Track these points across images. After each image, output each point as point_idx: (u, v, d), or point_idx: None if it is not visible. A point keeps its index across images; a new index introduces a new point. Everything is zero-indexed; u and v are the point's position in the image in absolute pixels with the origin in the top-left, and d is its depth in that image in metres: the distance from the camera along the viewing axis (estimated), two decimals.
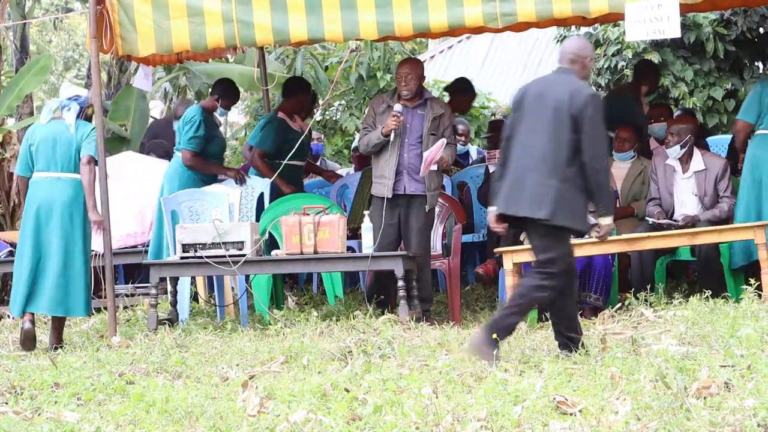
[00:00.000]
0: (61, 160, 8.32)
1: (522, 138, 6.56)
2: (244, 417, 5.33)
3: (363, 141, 8.81)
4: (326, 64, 16.05)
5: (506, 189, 6.58)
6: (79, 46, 29.02)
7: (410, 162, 8.67)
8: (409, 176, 8.67)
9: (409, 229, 8.71)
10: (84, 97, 8.45)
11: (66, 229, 8.25)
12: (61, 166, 8.31)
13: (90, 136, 8.32)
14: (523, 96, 6.64)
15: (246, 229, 8.40)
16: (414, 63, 8.93)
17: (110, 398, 5.97)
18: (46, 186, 8.32)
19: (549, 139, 6.45)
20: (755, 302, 7.28)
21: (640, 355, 6.16)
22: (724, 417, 4.71)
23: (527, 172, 6.48)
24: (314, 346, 7.05)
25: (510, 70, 22.47)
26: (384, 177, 8.64)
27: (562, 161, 6.43)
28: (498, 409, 5.08)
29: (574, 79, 6.58)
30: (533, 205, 6.45)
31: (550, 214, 6.41)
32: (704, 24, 13.51)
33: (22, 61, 13.31)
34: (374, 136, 8.65)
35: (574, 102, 6.42)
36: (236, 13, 8.22)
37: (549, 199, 6.40)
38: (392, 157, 8.62)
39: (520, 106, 6.63)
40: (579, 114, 6.40)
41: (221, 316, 9.11)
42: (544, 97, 6.54)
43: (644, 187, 9.36)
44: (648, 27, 7.79)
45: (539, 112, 6.51)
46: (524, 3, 7.92)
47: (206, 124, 9.67)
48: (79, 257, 8.27)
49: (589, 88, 6.66)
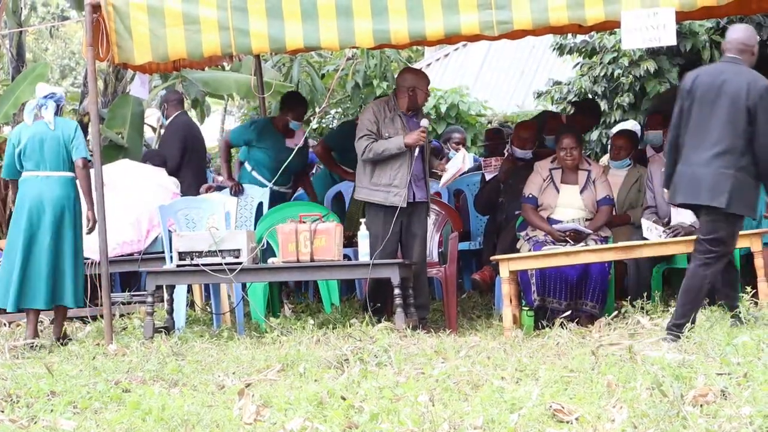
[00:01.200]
0: (50, 159, 8.49)
1: (695, 127, 6.95)
2: (240, 425, 5.32)
3: (376, 148, 8.60)
4: (323, 72, 16.05)
5: (684, 180, 6.99)
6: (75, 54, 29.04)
7: (416, 171, 8.70)
8: (415, 185, 8.70)
9: (411, 237, 8.71)
10: (59, 94, 8.65)
11: (57, 226, 8.44)
12: (50, 165, 8.49)
13: (77, 137, 8.51)
14: (694, 85, 6.99)
15: (242, 237, 8.40)
16: (420, 75, 8.97)
17: (106, 406, 5.96)
18: (36, 184, 8.48)
19: (725, 129, 6.86)
20: (751, 310, 7.28)
21: (636, 363, 6.15)
22: (720, 425, 4.71)
23: (703, 162, 6.90)
24: (311, 354, 7.05)
25: (506, 77, 22.49)
26: (395, 186, 8.60)
27: (737, 151, 6.85)
28: (494, 416, 5.08)
29: (746, 70, 6.95)
30: (711, 194, 6.88)
31: (727, 203, 6.86)
32: (700, 32, 13.54)
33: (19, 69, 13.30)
34: (393, 145, 8.55)
35: (751, 94, 6.82)
36: (232, 21, 8.22)
37: (726, 188, 6.85)
38: (404, 167, 8.60)
39: (690, 95, 6.99)
40: (755, 106, 6.80)
41: (218, 324, 9.10)
42: (718, 87, 6.91)
43: (640, 195, 9.37)
44: (644, 35, 7.80)
45: (714, 103, 6.89)
46: (520, 11, 7.93)
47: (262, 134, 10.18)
48: (69, 251, 8.46)
49: (763, 79, 6.97)
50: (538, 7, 7.90)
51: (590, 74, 14.57)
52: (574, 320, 8.16)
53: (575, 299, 8.57)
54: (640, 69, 13.90)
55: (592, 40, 14.25)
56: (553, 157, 9.11)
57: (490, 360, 6.76)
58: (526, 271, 8.52)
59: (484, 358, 6.82)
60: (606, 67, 14.24)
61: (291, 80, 14.78)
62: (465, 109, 16.81)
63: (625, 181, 9.57)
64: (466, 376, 6.15)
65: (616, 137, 9.93)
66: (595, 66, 14.46)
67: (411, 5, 8.03)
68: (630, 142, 9.80)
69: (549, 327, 7.87)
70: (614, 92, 14.37)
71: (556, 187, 8.96)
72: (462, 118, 16.63)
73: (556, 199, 8.94)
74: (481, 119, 17.71)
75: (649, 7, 7.75)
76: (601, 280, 8.55)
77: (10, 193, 11.11)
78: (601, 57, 14.33)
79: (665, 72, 13.95)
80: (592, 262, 8.37)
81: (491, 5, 7.95)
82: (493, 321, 8.83)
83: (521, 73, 22.32)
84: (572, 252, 8.30)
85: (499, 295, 8.88)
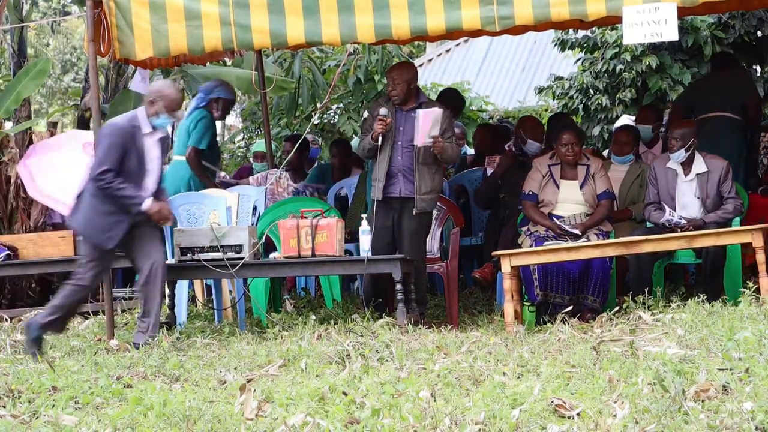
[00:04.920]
0: (176, 145, 9.79)
1: None
2: (241, 420, 5.33)
3: (360, 146, 8.84)
4: (324, 68, 16.04)
5: None
6: (76, 49, 29.02)
7: (404, 164, 8.66)
8: (404, 179, 8.66)
9: (401, 232, 8.70)
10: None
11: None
12: (176, 150, 9.76)
13: (197, 126, 9.85)
14: None
15: (244, 233, 8.40)
16: (401, 68, 8.93)
17: (108, 402, 5.96)
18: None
19: None
20: (753, 305, 7.28)
21: (638, 358, 6.15)
22: (722, 420, 4.71)
23: None
24: (312, 350, 7.05)
25: (508, 73, 22.49)
26: (378, 180, 8.65)
27: None
28: (496, 412, 5.08)
29: None
30: None
31: None
32: (702, 27, 13.54)
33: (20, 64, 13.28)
34: (366, 141, 8.67)
35: None
36: (234, 17, 8.22)
37: None
38: (383, 160, 8.62)
39: None
40: None
41: (219, 320, 9.11)
42: None
43: (642, 190, 9.37)
44: (646, 30, 7.80)
45: None
46: (522, 6, 7.92)
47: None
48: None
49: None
50: (539, 2, 7.90)
51: (592, 69, 14.58)
52: (575, 315, 8.16)
53: (577, 294, 8.57)
54: (641, 64, 13.91)
55: (594, 35, 14.26)
56: (552, 153, 9.11)
57: (492, 355, 6.76)
58: (528, 266, 8.52)
59: (486, 353, 6.82)
60: (607, 62, 14.25)
61: (292, 75, 14.78)
62: (467, 105, 16.79)
63: (626, 177, 9.56)
64: (467, 371, 6.15)
65: (620, 132, 9.92)
66: (596, 61, 14.47)
67: (412, 0, 8.03)
68: (633, 137, 9.80)
69: (550, 322, 7.88)
70: (616, 88, 14.37)
71: (556, 183, 8.95)
72: (463, 113, 16.61)
73: (556, 195, 8.94)
74: (483, 114, 17.71)
75: (650, 2, 7.75)
76: (603, 275, 8.55)
77: (11, 189, 11.11)
78: (603, 52, 14.33)
79: (667, 67, 13.95)
80: (593, 257, 8.37)
81: (493, 0, 7.94)
82: (495, 316, 8.83)
83: (522, 69, 22.33)
84: (574, 247, 8.30)
85: (500, 290, 8.88)
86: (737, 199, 8.75)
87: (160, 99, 7.96)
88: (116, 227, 7.85)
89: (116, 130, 7.91)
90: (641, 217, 9.08)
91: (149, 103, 7.97)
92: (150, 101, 7.96)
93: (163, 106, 7.96)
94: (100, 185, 7.81)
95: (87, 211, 7.88)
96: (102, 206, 7.84)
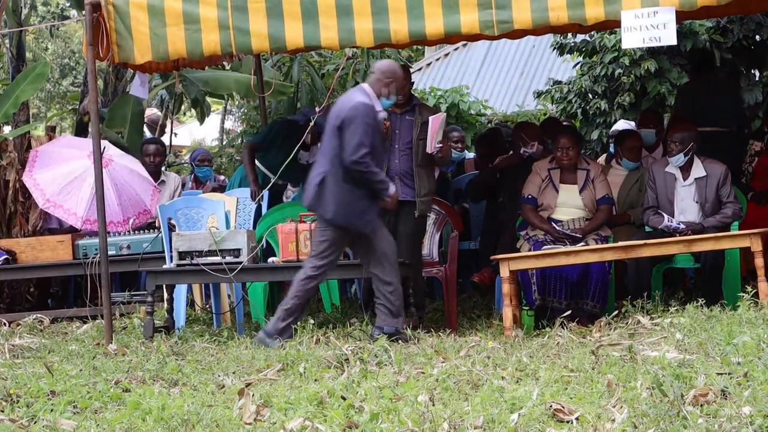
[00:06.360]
0: None
1: None
2: (240, 425, 5.32)
3: None
4: (323, 72, 16.03)
5: None
6: (75, 53, 29.00)
7: (402, 168, 8.66)
8: (401, 182, 8.66)
9: (397, 235, 8.68)
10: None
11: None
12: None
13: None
14: None
15: (242, 237, 8.40)
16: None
17: (106, 406, 5.96)
18: None
19: None
20: (752, 309, 7.28)
21: (636, 362, 6.15)
22: (720, 425, 4.70)
23: None
24: (311, 354, 7.04)
25: (506, 77, 22.48)
26: None
27: None
28: (494, 416, 5.08)
29: None
30: None
31: None
32: (701, 32, 13.51)
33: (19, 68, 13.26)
34: None
35: None
36: (232, 20, 8.22)
37: None
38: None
39: None
40: None
41: (218, 324, 9.11)
42: None
43: (641, 195, 9.36)
44: (644, 34, 7.80)
45: None
46: (520, 10, 7.93)
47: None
48: None
49: None
50: (538, 6, 7.90)
51: (590, 74, 14.55)
52: (574, 320, 8.16)
53: (576, 299, 8.57)
54: (640, 69, 13.88)
55: (593, 39, 14.23)
56: (551, 157, 9.11)
57: (491, 360, 6.75)
58: (527, 270, 8.52)
59: (484, 357, 6.82)
60: (606, 66, 14.22)
61: (291, 80, 14.77)
62: (465, 109, 16.78)
63: (625, 181, 9.56)
64: (466, 375, 6.14)
65: (631, 138, 9.80)
66: (595, 65, 14.44)
67: (411, 4, 8.03)
68: (641, 142, 9.78)
69: (549, 327, 7.88)
70: (615, 92, 14.34)
71: (555, 187, 8.95)
72: (462, 117, 16.60)
73: (555, 199, 8.94)
74: (482, 119, 17.70)
75: (649, 6, 7.75)
76: (602, 280, 8.55)
77: (10, 193, 11.10)
78: (602, 56, 14.31)
79: (666, 72, 13.92)
80: (592, 261, 8.36)
81: (491, 5, 7.95)
82: (494, 321, 8.83)
83: (521, 73, 22.31)
84: (572, 251, 8.30)
85: (499, 294, 8.88)
86: (736, 203, 8.75)
87: (394, 81, 7.90)
88: (371, 211, 7.81)
89: (370, 110, 7.72)
90: (640, 221, 9.07)
91: (384, 84, 7.88)
92: (386, 82, 7.86)
93: (396, 88, 7.93)
94: (360, 168, 7.64)
95: (341, 196, 7.72)
96: (356, 190, 7.72)
